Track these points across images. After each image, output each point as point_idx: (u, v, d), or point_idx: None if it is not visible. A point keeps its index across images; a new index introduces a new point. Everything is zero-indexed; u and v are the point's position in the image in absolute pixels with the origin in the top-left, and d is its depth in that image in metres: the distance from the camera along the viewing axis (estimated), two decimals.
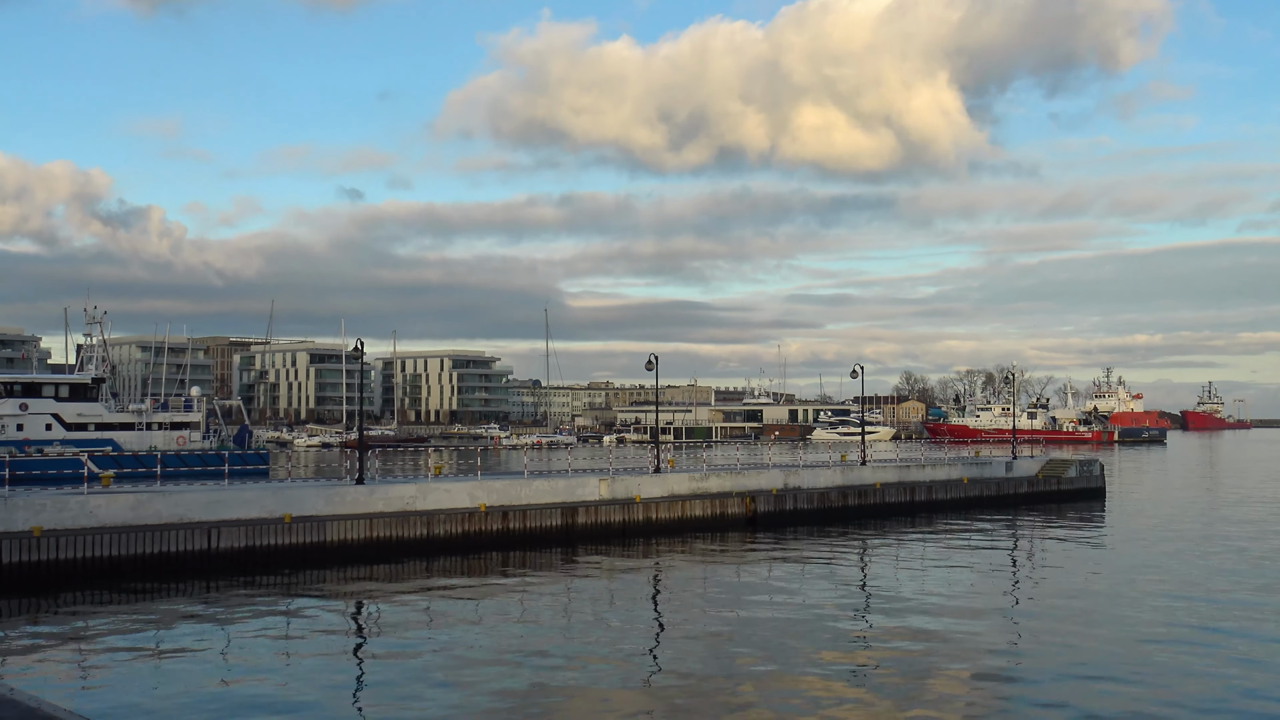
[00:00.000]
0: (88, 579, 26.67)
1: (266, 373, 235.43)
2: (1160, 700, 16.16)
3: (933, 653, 19.27)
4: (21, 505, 28.16)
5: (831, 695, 16.46)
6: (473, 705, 16.03)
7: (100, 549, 27.41)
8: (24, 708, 9.63)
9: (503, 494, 35.93)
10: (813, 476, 44.84)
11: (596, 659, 18.90)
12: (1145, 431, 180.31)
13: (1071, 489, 52.83)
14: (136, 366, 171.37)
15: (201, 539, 28.86)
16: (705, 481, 41.53)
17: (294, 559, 29.85)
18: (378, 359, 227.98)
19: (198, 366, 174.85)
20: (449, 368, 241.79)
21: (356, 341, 38.26)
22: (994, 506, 48.14)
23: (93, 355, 72.73)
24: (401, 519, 32.44)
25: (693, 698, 16.27)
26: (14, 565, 26.30)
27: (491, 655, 19.11)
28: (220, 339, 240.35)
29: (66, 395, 67.94)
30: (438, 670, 18.11)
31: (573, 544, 34.28)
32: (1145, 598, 24.94)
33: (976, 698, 16.39)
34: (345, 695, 16.82)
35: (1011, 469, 53.58)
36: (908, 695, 16.40)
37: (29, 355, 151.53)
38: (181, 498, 30.76)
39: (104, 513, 29.27)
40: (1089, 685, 16.89)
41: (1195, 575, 28.31)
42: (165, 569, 27.83)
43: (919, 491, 46.50)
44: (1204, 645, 19.87)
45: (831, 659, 18.77)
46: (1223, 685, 17.07)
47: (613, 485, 38.67)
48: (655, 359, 43.20)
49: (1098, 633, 20.97)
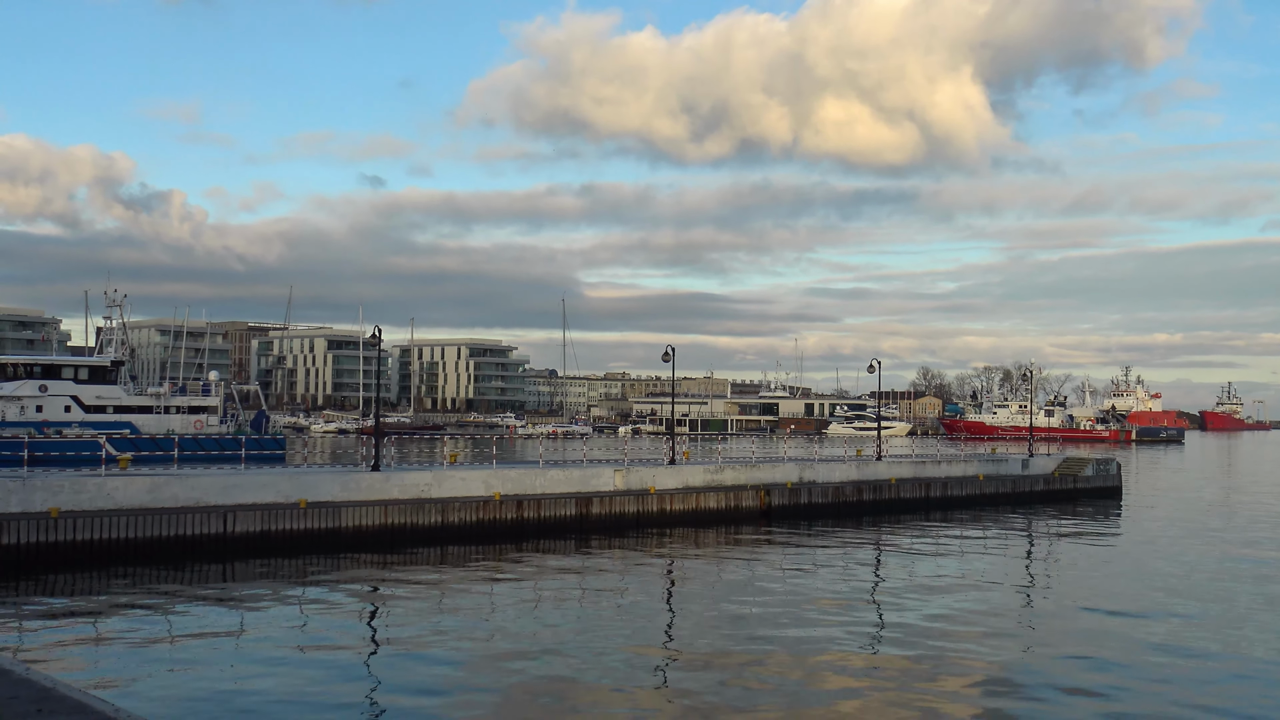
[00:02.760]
0: (104, 560, 26.84)
1: (284, 358, 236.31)
2: (1172, 700, 16.06)
3: (943, 649, 19.18)
4: (40, 486, 28.34)
5: (843, 688, 16.42)
6: (485, 694, 16.05)
7: (117, 531, 27.57)
8: (39, 688, 9.68)
9: (517, 483, 35.98)
10: (828, 471, 44.75)
11: (609, 649, 18.89)
12: (1163, 431, 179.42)
13: (1088, 488, 52.57)
14: (155, 350, 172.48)
15: (218, 522, 29.00)
16: (720, 474, 41.50)
17: (309, 544, 29.96)
18: (395, 346, 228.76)
19: (216, 351, 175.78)
20: (466, 356, 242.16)
21: (374, 328, 38.35)
22: (1009, 504, 47.95)
23: (112, 338, 73.08)
24: (416, 506, 32.52)
25: (704, 689, 16.26)
26: (31, 545, 26.48)
27: (504, 644, 19.13)
28: (239, 324, 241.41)
29: (86, 378, 68.26)
30: (450, 658, 18.14)
31: (587, 534, 34.31)
32: (1159, 597, 24.79)
33: (986, 694, 16.31)
34: (358, 681, 16.85)
35: (1028, 467, 53.35)
36: (918, 690, 16.33)
37: (49, 337, 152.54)
38: (198, 481, 30.91)
39: (121, 495, 29.44)
40: (1101, 684, 16.80)
41: (1209, 576, 28.12)
42: (181, 552, 27.98)
43: (934, 488, 46.36)
44: (1216, 646, 19.74)
45: (843, 652, 18.72)
46: (1234, 687, 16.96)
47: (627, 476, 38.67)
48: (672, 350, 43.15)
49: (1110, 632, 20.85)
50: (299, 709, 15.19)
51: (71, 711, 8.91)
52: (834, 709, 15.46)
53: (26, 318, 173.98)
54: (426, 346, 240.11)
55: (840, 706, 15.57)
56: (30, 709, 8.94)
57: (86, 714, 8.84)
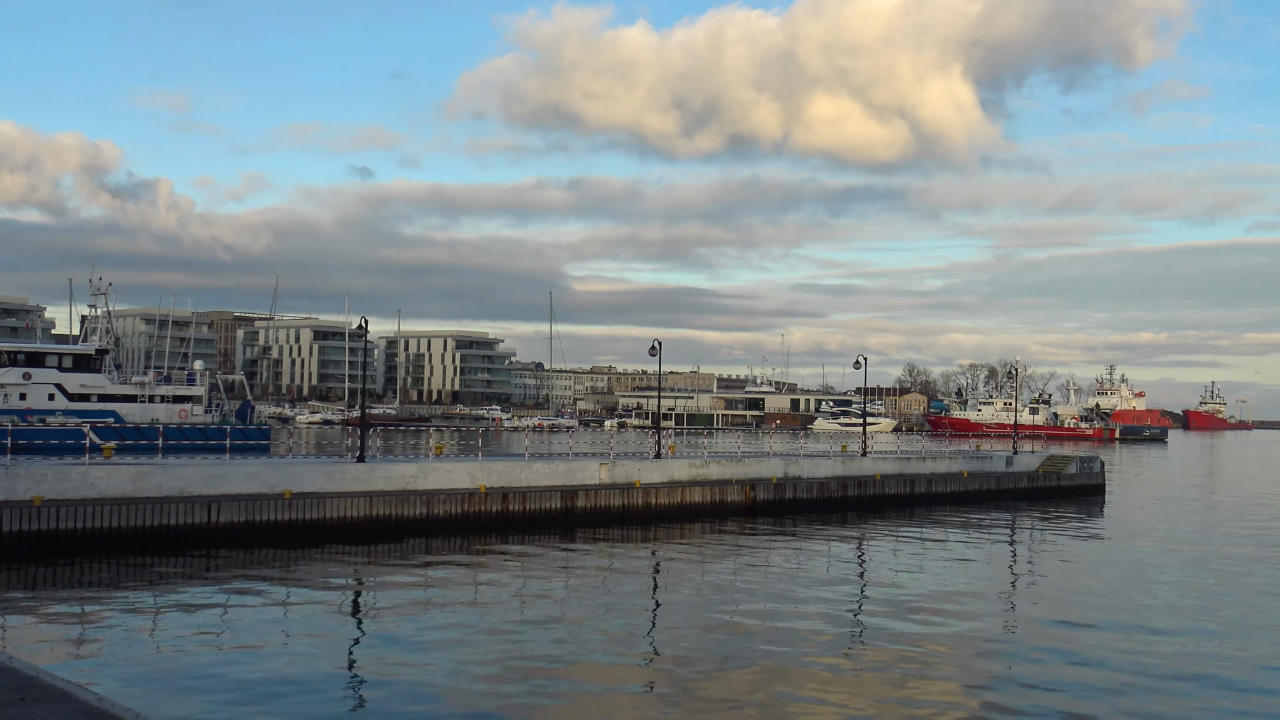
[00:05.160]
0: (87, 550, 26.75)
1: (270, 348, 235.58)
2: (1153, 693, 16.18)
3: (926, 644, 19.28)
4: (23, 474, 28.22)
5: (825, 683, 16.48)
6: (468, 685, 16.07)
7: (100, 520, 27.47)
8: (22, 676, 9.67)
9: (503, 475, 35.97)
10: (813, 466, 44.86)
11: (592, 642, 18.94)
12: (1147, 430, 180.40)
13: (1071, 485, 52.80)
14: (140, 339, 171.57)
15: (201, 512, 28.92)
16: (706, 468, 41.57)
17: (293, 535, 29.90)
18: (381, 337, 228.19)
19: (201, 340, 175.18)
20: (452, 348, 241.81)
21: (361, 319, 38.34)
22: (993, 501, 48.15)
23: (97, 327, 72.78)
24: (401, 498, 32.49)
25: (688, 681, 16.31)
26: (14, 534, 26.36)
27: (488, 636, 19.15)
28: (225, 313, 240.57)
29: (70, 366, 68.00)
30: (434, 649, 18.14)
31: (572, 527, 34.33)
32: (1142, 594, 24.96)
33: (969, 691, 16.41)
34: (341, 672, 16.87)
35: (1012, 464, 53.56)
36: (900, 685, 16.42)
37: (33, 325, 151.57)
38: (182, 471, 30.82)
39: (105, 484, 29.34)
40: (1083, 682, 16.90)
41: (1191, 572, 28.31)
42: (165, 541, 27.89)
43: (919, 484, 46.51)
44: (1198, 642, 19.89)
45: (825, 647, 18.79)
46: (1215, 684, 17.08)
47: (613, 470, 38.71)
48: (658, 344, 43.18)
49: (1092, 628, 20.97)
50: (283, 699, 15.17)
51: (54, 700, 8.90)
52: (815, 705, 15.52)
53: (11, 305, 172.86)
54: (413, 338, 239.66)
55: (821, 703, 15.63)
56: (13, 698, 8.93)
57: (69, 702, 8.84)
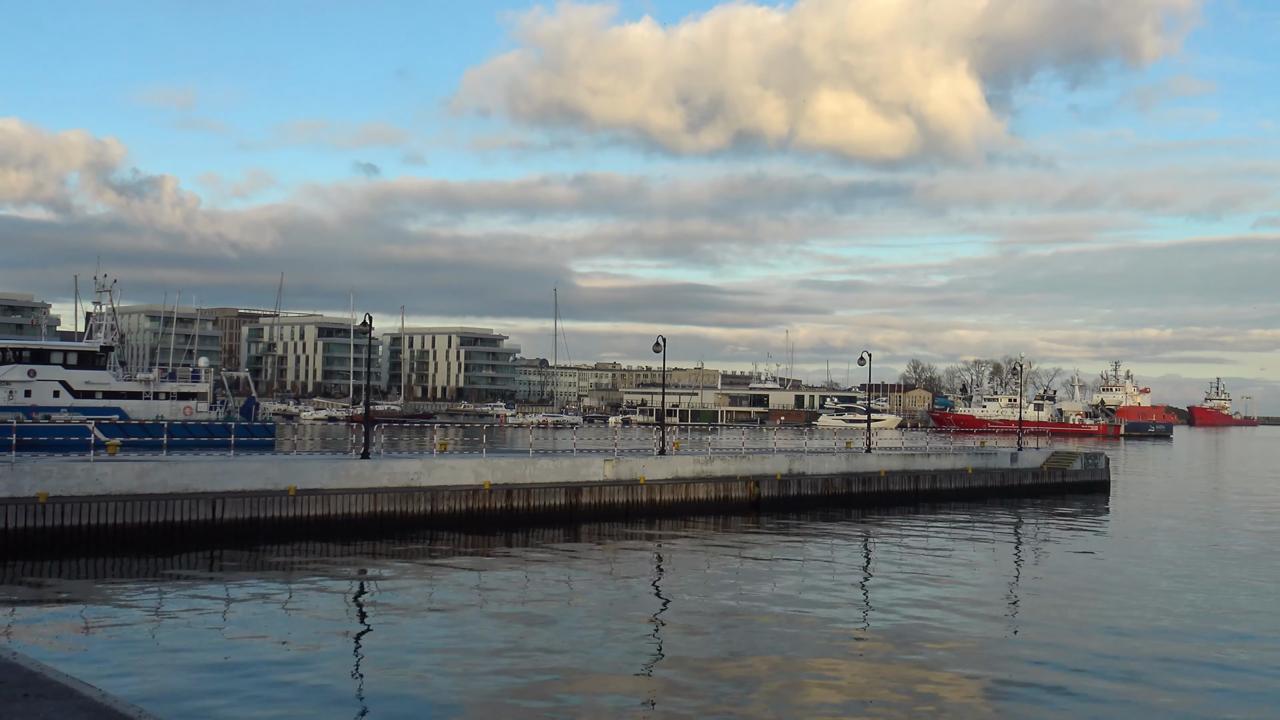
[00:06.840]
0: (92, 546, 26.79)
1: (274, 345, 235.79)
2: (1160, 691, 16.16)
3: (930, 641, 19.26)
4: (28, 471, 28.26)
5: (830, 679, 16.48)
6: (473, 682, 16.07)
7: (105, 517, 27.52)
8: (26, 672, 9.69)
9: (507, 472, 35.97)
10: (817, 462, 44.84)
11: (597, 639, 18.94)
12: (1151, 426, 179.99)
13: (1076, 482, 52.74)
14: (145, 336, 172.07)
15: (206, 509, 28.95)
16: (710, 465, 41.56)
17: (298, 531, 29.94)
18: (386, 334, 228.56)
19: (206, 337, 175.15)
20: (457, 345, 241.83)
21: (365, 316, 38.31)
22: (998, 497, 48.11)
23: (102, 323, 72.78)
24: (406, 494, 32.51)
25: (692, 679, 16.30)
26: (20, 530, 26.42)
27: (492, 632, 19.16)
28: (229, 310, 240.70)
29: (75, 363, 68.01)
30: (438, 646, 18.15)
31: (576, 524, 34.34)
32: (1145, 592, 24.92)
33: (973, 688, 16.38)
34: (345, 669, 16.88)
35: (1016, 460, 53.49)
36: (905, 681, 16.40)
37: (38, 322, 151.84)
38: (187, 467, 30.86)
39: (110, 481, 29.37)
40: (1086, 679, 16.88)
41: (1195, 569, 28.27)
42: (170, 538, 27.93)
43: (923, 480, 46.48)
44: (1202, 641, 19.86)
45: (831, 643, 18.78)
46: (1217, 683, 17.06)
47: (617, 466, 38.71)
48: (663, 341, 43.15)
49: (1097, 626, 20.95)
50: (286, 695, 15.19)
51: (58, 695, 8.92)
52: (821, 702, 15.51)
53: (16, 302, 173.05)
54: (417, 335, 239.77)
55: (828, 700, 15.62)
56: (17, 692, 8.94)
57: (73, 698, 8.85)
